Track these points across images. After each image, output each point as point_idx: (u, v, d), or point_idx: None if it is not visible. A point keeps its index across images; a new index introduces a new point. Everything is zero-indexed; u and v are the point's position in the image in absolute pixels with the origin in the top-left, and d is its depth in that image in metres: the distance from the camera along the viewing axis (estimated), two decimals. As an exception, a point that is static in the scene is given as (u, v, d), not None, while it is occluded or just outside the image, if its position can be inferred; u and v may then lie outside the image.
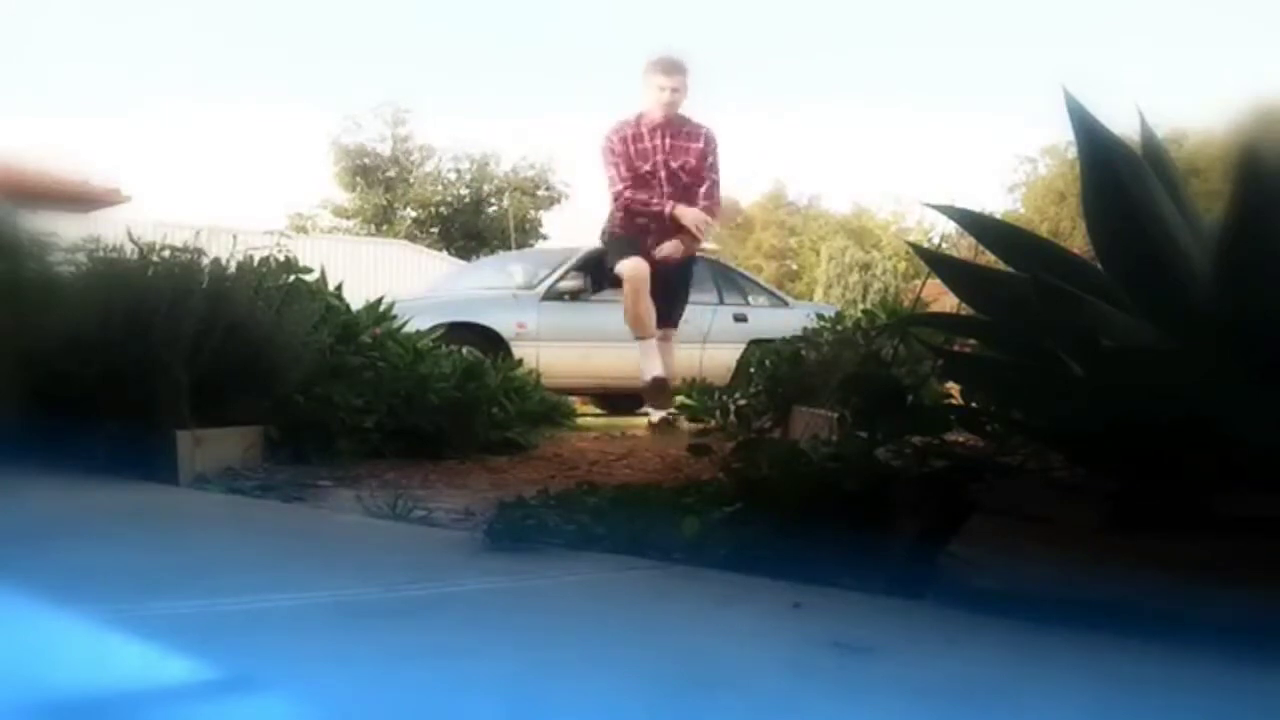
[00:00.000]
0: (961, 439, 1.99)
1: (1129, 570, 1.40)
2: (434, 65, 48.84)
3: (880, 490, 1.78)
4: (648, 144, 5.38)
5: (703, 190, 5.40)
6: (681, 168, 5.35)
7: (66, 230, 3.45)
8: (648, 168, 5.38)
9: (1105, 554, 1.45)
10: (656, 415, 5.44)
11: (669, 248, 5.38)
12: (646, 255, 5.36)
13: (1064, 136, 13.70)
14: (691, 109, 5.49)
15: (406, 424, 3.67)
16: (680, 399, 4.96)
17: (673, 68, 5.32)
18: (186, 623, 1.35)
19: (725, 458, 2.20)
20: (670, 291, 5.55)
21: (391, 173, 27.14)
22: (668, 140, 5.36)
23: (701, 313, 7.97)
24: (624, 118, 5.47)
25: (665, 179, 5.36)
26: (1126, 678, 1.21)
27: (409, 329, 4.45)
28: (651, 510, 2.03)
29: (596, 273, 6.66)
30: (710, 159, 5.40)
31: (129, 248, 3.33)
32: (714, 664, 1.22)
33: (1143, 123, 1.81)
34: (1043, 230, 19.83)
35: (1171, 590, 1.35)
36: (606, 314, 6.37)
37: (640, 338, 5.47)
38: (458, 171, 28.03)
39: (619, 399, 8.22)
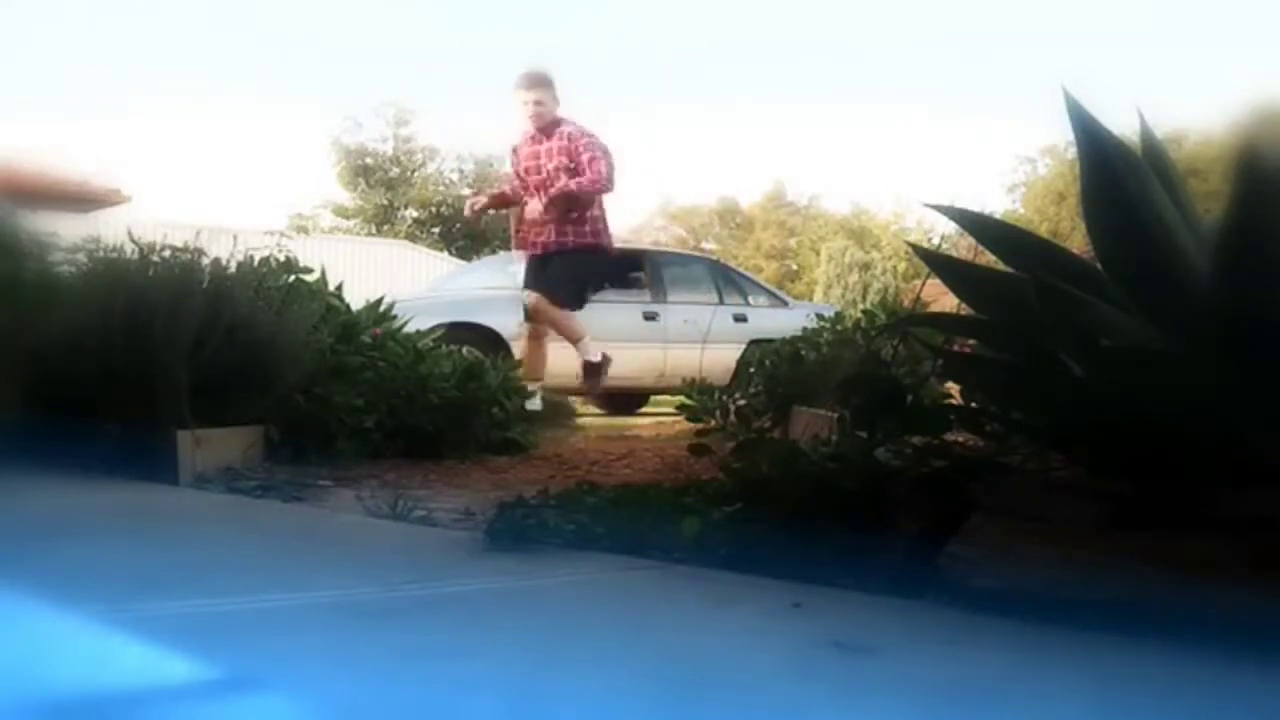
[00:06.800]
0: (961, 439, 1.99)
1: (1129, 570, 1.40)
2: (438, 66, 48.85)
3: (880, 490, 1.78)
4: (525, 152, 5.62)
5: (582, 169, 5.47)
6: (557, 169, 5.50)
7: (66, 230, 3.46)
8: (524, 173, 5.63)
9: (1105, 554, 1.45)
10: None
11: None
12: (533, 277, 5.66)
13: (1064, 137, 13.74)
14: (694, 108, 5.61)
15: (406, 424, 3.67)
16: (680, 399, 4.96)
17: (533, 81, 5.52)
18: (186, 623, 1.35)
19: (725, 458, 2.20)
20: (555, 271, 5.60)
21: (393, 173, 27.16)
22: (540, 147, 5.55)
23: (701, 313, 7.99)
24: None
25: (541, 186, 5.55)
26: (1126, 677, 1.21)
27: (409, 329, 4.45)
28: (651, 510, 2.03)
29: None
30: (574, 146, 5.46)
31: (129, 248, 3.33)
32: (714, 664, 1.22)
33: (1142, 123, 1.81)
34: (1043, 230, 19.84)
35: (1171, 590, 1.35)
36: (606, 314, 6.38)
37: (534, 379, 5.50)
38: (460, 172, 28.06)
39: (619, 399, 8.23)
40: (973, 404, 2.12)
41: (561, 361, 6.73)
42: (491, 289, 7.65)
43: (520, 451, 3.92)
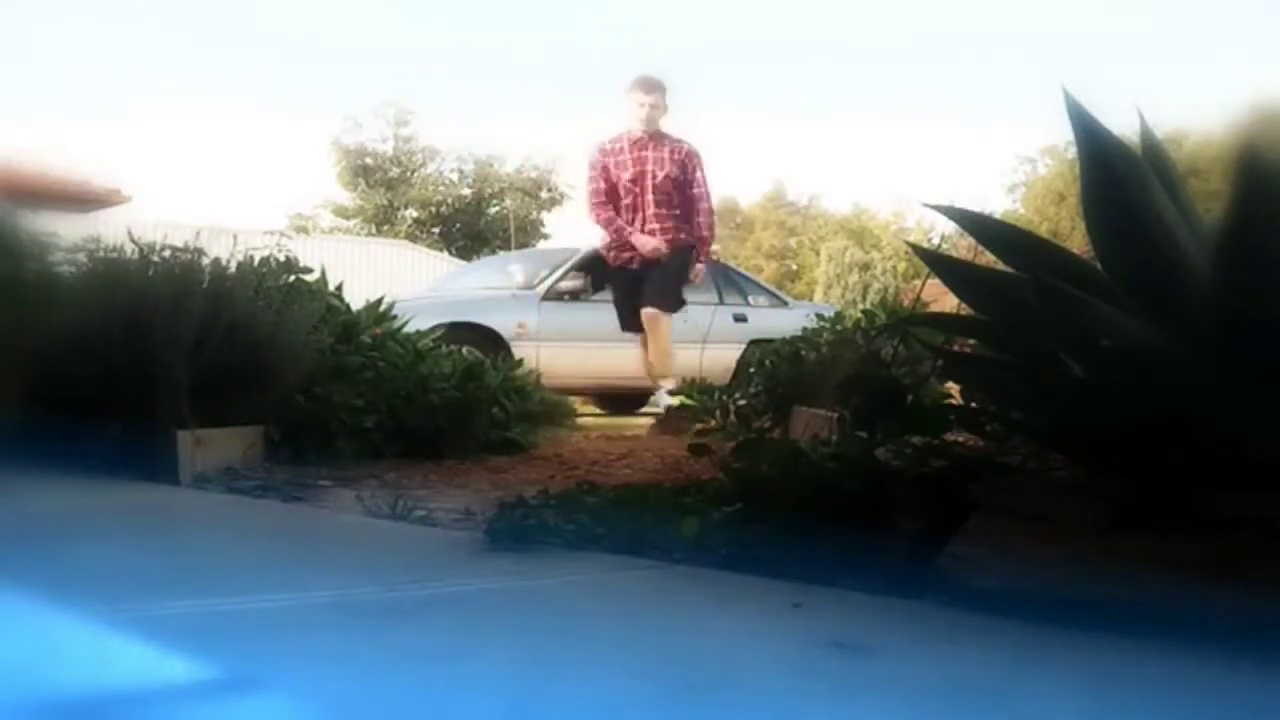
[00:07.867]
0: (961, 439, 1.99)
1: (1129, 570, 1.40)
2: (438, 66, 48.88)
3: (880, 490, 1.78)
4: (628, 157, 5.69)
5: (699, 211, 5.70)
6: (667, 177, 5.63)
7: (66, 230, 3.46)
8: (629, 179, 5.68)
9: (1105, 554, 1.45)
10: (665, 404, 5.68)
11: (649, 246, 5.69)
12: (626, 274, 5.79)
13: (1064, 137, 13.71)
14: (693, 106, 5.70)
15: (406, 424, 3.67)
16: (680, 399, 4.98)
17: (651, 85, 5.70)
18: (186, 623, 1.35)
19: (725, 458, 2.20)
20: (650, 281, 5.74)
21: (393, 173, 27.14)
22: (649, 153, 5.65)
23: (701, 313, 7.98)
24: (611, 136, 5.80)
25: (649, 189, 5.65)
26: (1126, 678, 1.21)
27: (409, 329, 4.45)
28: (651, 510, 2.03)
29: (596, 273, 6.69)
30: (697, 174, 5.68)
31: (129, 248, 3.33)
32: (715, 664, 1.22)
33: (1143, 123, 1.82)
34: (1043, 230, 19.84)
35: (1171, 590, 1.35)
36: (607, 314, 6.37)
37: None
38: (460, 172, 28.04)
39: (619, 399, 8.23)
40: (973, 404, 2.12)
41: (560, 361, 6.74)
42: (491, 289, 7.66)
43: (520, 451, 3.92)
